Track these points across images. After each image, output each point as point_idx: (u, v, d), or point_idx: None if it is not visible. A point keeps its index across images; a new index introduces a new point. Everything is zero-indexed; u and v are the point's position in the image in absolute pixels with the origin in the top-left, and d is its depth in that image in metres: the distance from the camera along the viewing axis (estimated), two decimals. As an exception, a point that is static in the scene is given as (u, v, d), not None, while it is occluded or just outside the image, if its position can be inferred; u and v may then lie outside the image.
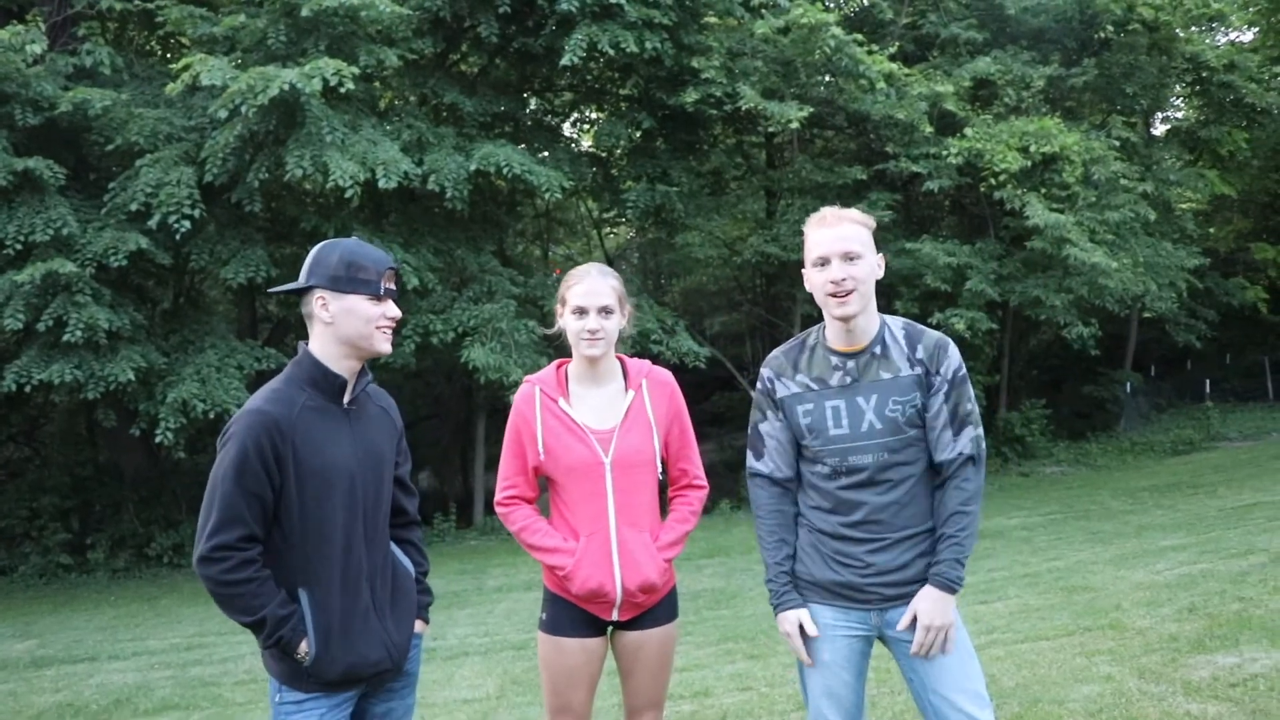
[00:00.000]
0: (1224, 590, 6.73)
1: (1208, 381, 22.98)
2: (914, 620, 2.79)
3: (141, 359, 12.57)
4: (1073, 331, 16.23)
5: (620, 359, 3.13)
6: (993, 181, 15.25)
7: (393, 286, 2.67)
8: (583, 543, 2.99)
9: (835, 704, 2.87)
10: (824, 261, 2.78)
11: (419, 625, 2.87)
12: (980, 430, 2.84)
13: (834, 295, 2.77)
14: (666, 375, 3.17)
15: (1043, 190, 15.49)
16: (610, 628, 3.08)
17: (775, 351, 2.99)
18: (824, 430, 2.81)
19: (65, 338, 11.96)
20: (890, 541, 2.81)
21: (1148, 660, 5.23)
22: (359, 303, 2.61)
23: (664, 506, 3.21)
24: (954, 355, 2.84)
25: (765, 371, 2.96)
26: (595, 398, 3.06)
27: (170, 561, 15.62)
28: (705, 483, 3.22)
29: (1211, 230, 24.15)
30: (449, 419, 20.69)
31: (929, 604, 2.78)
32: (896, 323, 2.90)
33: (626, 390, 3.08)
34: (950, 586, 2.79)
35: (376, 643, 2.65)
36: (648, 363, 3.18)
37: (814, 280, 2.82)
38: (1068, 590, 7.84)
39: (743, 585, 9.99)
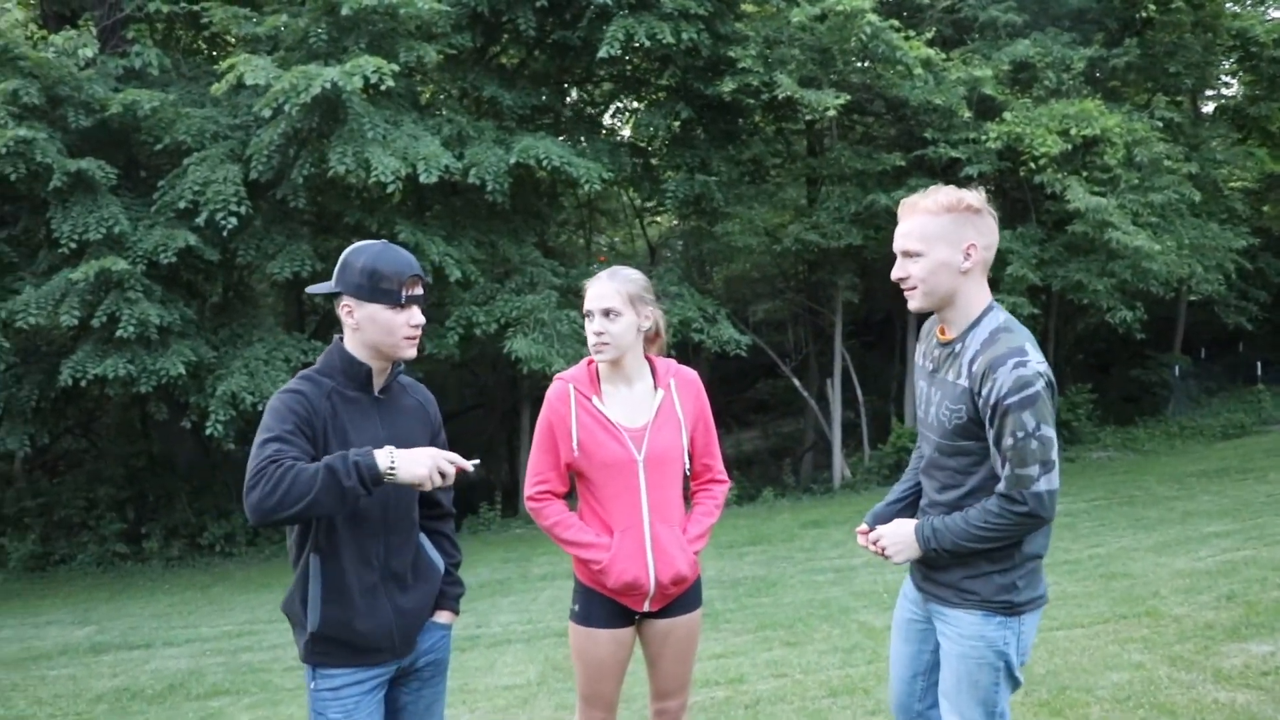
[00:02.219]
0: (1265, 578, 6.69)
1: (1259, 363, 22.55)
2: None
3: (191, 353, 12.88)
4: (1116, 315, 16.05)
5: (649, 358, 3.23)
6: (1033, 165, 15.11)
7: (418, 292, 2.71)
8: (617, 538, 3.08)
9: (892, 665, 3.03)
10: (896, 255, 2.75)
11: (446, 616, 2.94)
12: (1029, 471, 2.54)
13: (902, 285, 2.72)
14: (693, 375, 3.26)
15: (1084, 173, 15.32)
16: (638, 617, 3.19)
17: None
18: (916, 406, 2.89)
19: (118, 333, 12.28)
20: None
21: (1180, 648, 5.24)
22: (380, 312, 2.65)
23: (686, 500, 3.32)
24: (1003, 380, 2.54)
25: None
26: (626, 396, 3.16)
27: (222, 550, 15.98)
28: (727, 478, 3.31)
29: (1265, 209, 23.65)
30: (494, 409, 20.89)
31: (895, 527, 2.82)
32: (993, 324, 2.68)
33: (656, 389, 3.17)
34: (924, 536, 2.73)
35: (384, 619, 2.71)
36: (674, 362, 3.28)
37: None
38: (1106, 577, 7.83)
39: (783, 573, 10.04)
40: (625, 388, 3.17)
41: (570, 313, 14.45)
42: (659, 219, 22.63)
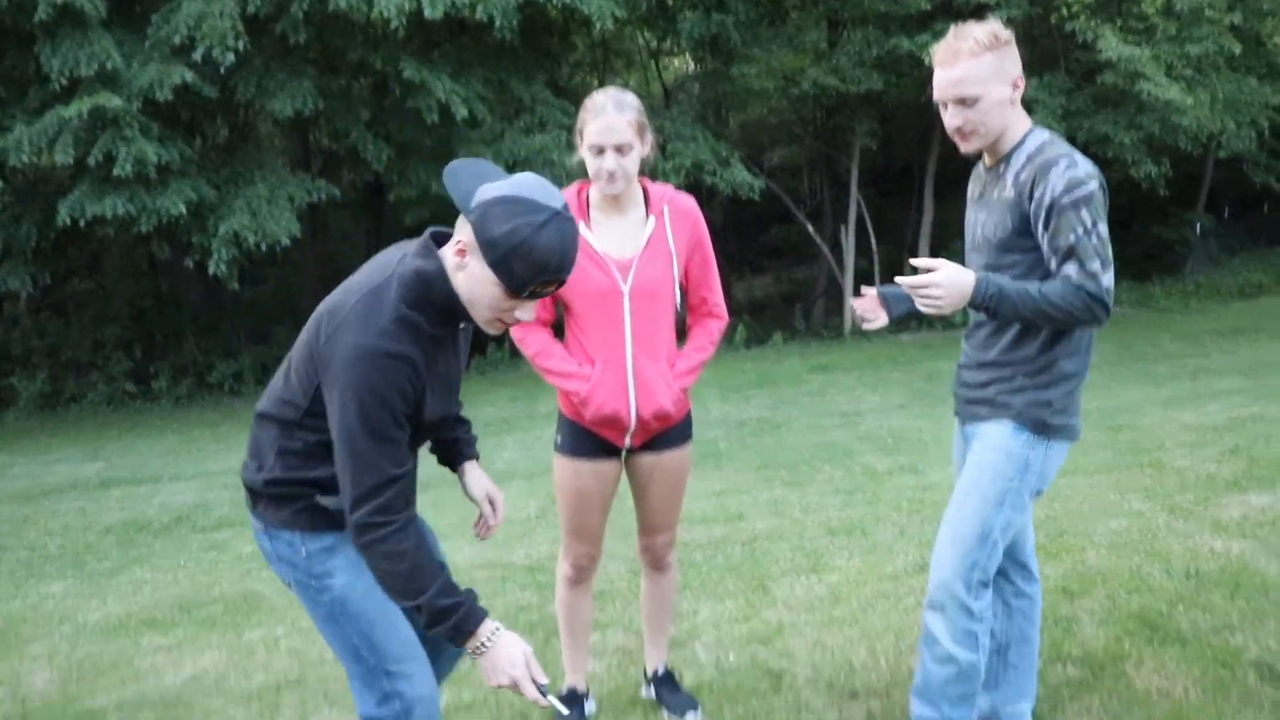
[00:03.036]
0: (1270, 434, 6.63)
1: (1283, 224, 22.14)
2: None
3: (192, 192, 12.66)
4: (1141, 170, 15.63)
5: (643, 184, 3.04)
6: (1065, 12, 14.49)
7: (548, 291, 2.19)
8: (598, 369, 2.96)
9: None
10: (942, 104, 2.64)
11: (473, 468, 2.63)
12: (1093, 267, 2.49)
13: (956, 136, 2.65)
14: (689, 201, 3.08)
15: (1118, 22, 14.69)
16: (624, 451, 3.09)
17: None
18: (964, 237, 2.87)
19: (115, 172, 12.04)
20: (978, 362, 2.76)
21: (1181, 498, 5.20)
22: (494, 284, 2.13)
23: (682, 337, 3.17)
24: (1055, 180, 2.52)
25: None
26: (616, 225, 2.97)
27: (230, 389, 16.12)
28: (725, 314, 3.15)
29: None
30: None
31: (955, 271, 2.54)
32: (1038, 138, 2.65)
33: (648, 217, 2.99)
34: (985, 290, 2.52)
35: None
36: (670, 188, 3.09)
37: (941, 113, 2.69)
38: (1113, 429, 7.77)
39: (789, 416, 10.05)
40: (617, 216, 2.98)
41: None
42: (674, 61, 22.00)
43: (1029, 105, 15.14)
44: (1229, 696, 3.04)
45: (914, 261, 2.67)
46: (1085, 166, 2.55)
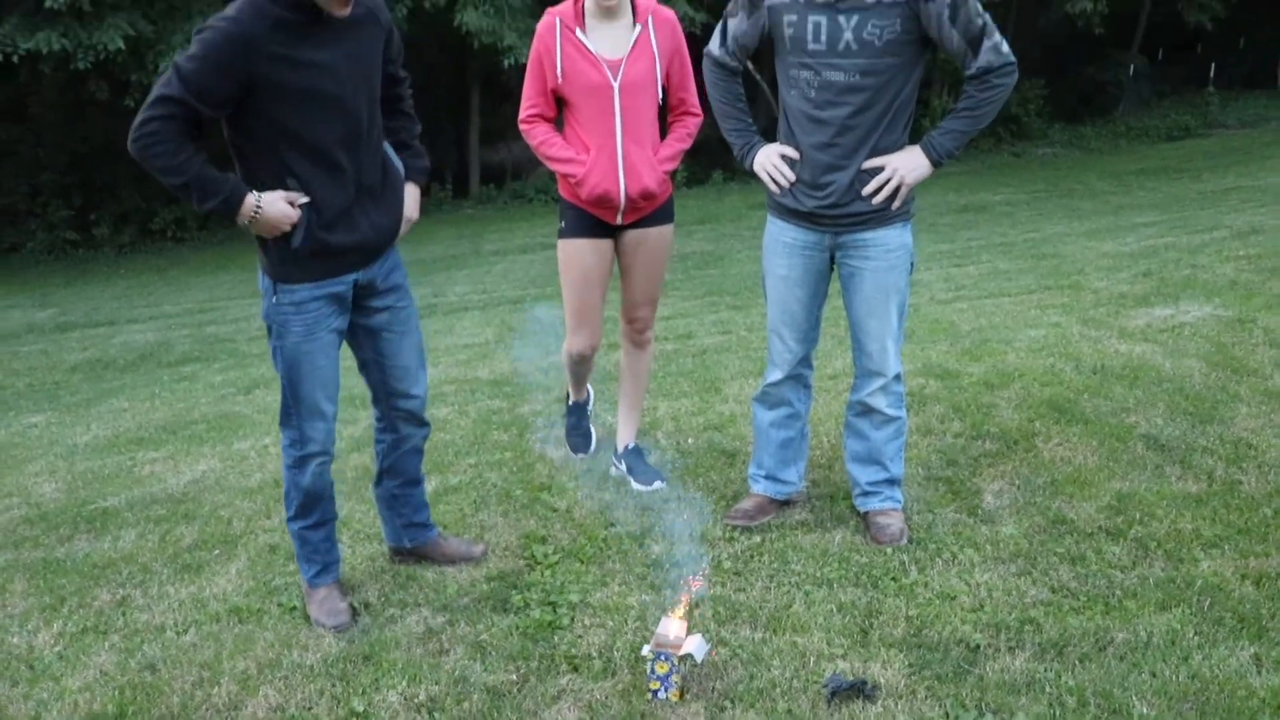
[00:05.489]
0: (1180, 259, 7.12)
1: (1213, 66, 22.49)
2: (878, 190, 2.97)
3: (129, 26, 12.36)
4: (1077, 6, 15.82)
5: None
6: None
7: None
8: (593, 154, 3.40)
9: (788, 319, 3.23)
10: None
11: (409, 188, 3.01)
12: (998, 39, 2.87)
13: None
14: (670, 14, 3.49)
15: None
16: (616, 231, 3.55)
17: None
18: (803, 43, 2.93)
19: (47, 4, 11.71)
20: (856, 160, 2.95)
21: (1095, 313, 5.68)
22: None
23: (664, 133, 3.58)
24: None
25: None
26: (608, 30, 3.39)
27: (174, 236, 16.04)
28: (700, 111, 3.57)
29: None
30: (442, 91, 20.47)
31: (905, 156, 2.98)
32: None
33: (635, 25, 3.40)
34: (933, 152, 2.98)
35: (360, 233, 2.78)
36: (654, 1, 3.49)
37: None
38: (1037, 257, 8.26)
39: (731, 248, 10.41)
40: (608, 23, 3.39)
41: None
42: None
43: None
44: (1120, 461, 3.55)
45: (865, 165, 2.95)
46: None
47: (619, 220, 3.51)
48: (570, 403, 4.11)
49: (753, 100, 19.81)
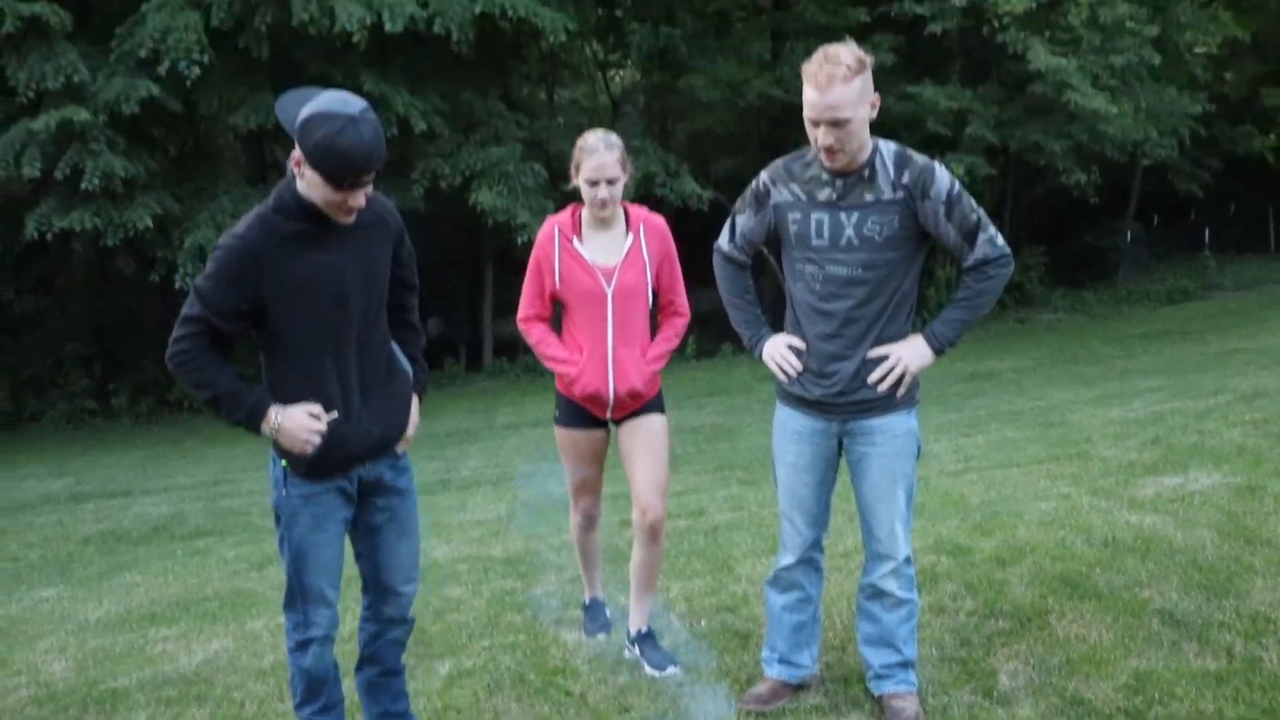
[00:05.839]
0: (1187, 425, 7.17)
1: (1207, 231, 23.08)
2: (883, 379, 3.06)
3: (157, 206, 12.89)
4: (1072, 178, 16.37)
5: (624, 206, 3.70)
6: (996, 24, 15.17)
7: (366, 180, 2.68)
8: (586, 355, 3.65)
9: (798, 504, 3.29)
10: (815, 123, 2.96)
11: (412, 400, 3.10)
12: (992, 232, 3.03)
13: (824, 152, 2.99)
14: (660, 222, 3.75)
15: (1047, 34, 15.39)
16: (609, 424, 3.76)
17: (778, 160, 3.26)
18: (807, 239, 3.09)
19: (83, 185, 12.26)
20: (861, 350, 3.05)
21: (1104, 482, 5.71)
22: (323, 184, 2.65)
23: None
24: (941, 177, 2.99)
25: (764, 175, 3.25)
26: (602, 239, 3.66)
27: (191, 407, 16.17)
28: (688, 312, 3.82)
29: (1227, 75, 23.77)
30: (457, 266, 21.01)
31: (908, 345, 3.08)
32: (889, 148, 3.04)
33: (628, 234, 3.66)
34: (935, 342, 3.09)
35: (363, 432, 2.88)
36: (645, 210, 3.76)
37: (809, 130, 3.01)
38: (1045, 426, 8.33)
39: (741, 421, 10.50)
40: (603, 232, 3.66)
41: (535, 165, 14.52)
42: (622, 73, 22.44)
43: (963, 116, 15.86)
44: (1135, 638, 3.53)
45: (870, 354, 3.08)
46: (942, 165, 3.08)
47: (609, 415, 3.73)
48: (586, 600, 4.21)
49: (760, 274, 20.37)
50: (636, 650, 3.79)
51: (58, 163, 12.35)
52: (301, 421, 2.76)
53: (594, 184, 3.56)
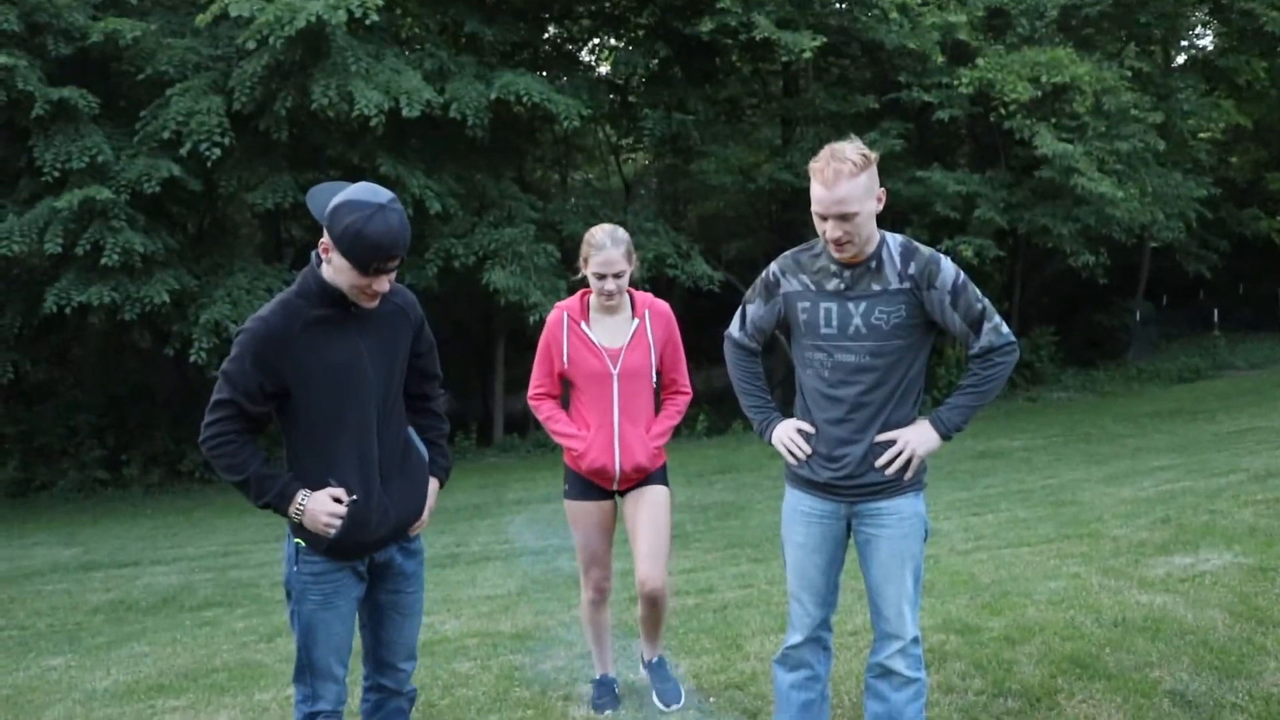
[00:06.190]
0: (1198, 504, 7.15)
1: (1216, 310, 23.17)
2: (891, 463, 3.11)
3: (175, 282, 13.10)
4: (1080, 259, 16.51)
5: (630, 292, 3.90)
6: (1003, 111, 15.43)
7: (392, 266, 2.79)
8: (593, 432, 3.86)
9: (807, 585, 3.32)
10: (823, 217, 3.05)
11: (430, 483, 3.17)
12: (997, 321, 3.10)
13: (833, 244, 3.08)
14: (664, 307, 3.98)
15: (1053, 120, 15.66)
16: (615, 495, 3.95)
17: (787, 252, 3.35)
18: (816, 327, 3.16)
19: (103, 261, 12.47)
20: (869, 434, 3.11)
21: (1114, 562, 5.70)
22: (349, 269, 2.75)
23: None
24: (947, 268, 3.07)
25: (774, 266, 3.34)
26: (609, 323, 3.89)
27: (201, 477, 16.25)
28: (690, 390, 4.03)
29: (1233, 159, 24.07)
30: (469, 343, 21.19)
31: (915, 430, 3.14)
32: (896, 241, 3.12)
33: (633, 318, 3.90)
34: (942, 427, 3.15)
35: (380, 518, 2.94)
36: (650, 295, 4.00)
37: (817, 223, 3.11)
38: (1056, 505, 8.31)
39: (751, 498, 10.48)
40: (610, 317, 3.89)
41: (547, 246, 14.71)
42: (634, 156, 22.81)
43: (972, 200, 16.08)
44: (1146, 719, 3.52)
45: (878, 438, 3.13)
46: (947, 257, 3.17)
47: (615, 488, 3.92)
48: (595, 676, 4.29)
49: (771, 352, 20.54)
50: (647, 676, 4.12)
51: (79, 239, 12.59)
52: (324, 505, 2.84)
53: (601, 277, 3.77)
